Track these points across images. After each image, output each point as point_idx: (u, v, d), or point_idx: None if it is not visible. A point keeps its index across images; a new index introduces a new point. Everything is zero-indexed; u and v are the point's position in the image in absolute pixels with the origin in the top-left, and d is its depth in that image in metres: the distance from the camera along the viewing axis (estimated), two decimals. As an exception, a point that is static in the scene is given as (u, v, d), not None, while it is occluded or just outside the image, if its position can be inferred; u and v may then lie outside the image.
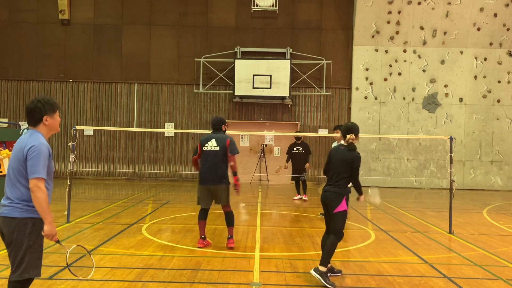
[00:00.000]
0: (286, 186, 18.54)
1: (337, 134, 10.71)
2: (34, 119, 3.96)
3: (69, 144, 9.54)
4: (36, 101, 3.96)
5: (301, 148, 14.08)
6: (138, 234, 8.58)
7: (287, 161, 14.38)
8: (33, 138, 3.89)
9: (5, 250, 6.93)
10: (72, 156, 9.53)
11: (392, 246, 8.16)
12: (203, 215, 7.81)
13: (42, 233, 3.87)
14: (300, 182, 14.01)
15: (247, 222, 9.32)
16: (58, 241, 4.02)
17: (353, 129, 6.23)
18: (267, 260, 6.97)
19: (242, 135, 19.21)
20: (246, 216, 9.09)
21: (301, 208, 12.52)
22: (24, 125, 11.08)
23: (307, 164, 13.86)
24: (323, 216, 10.69)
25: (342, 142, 6.31)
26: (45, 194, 3.82)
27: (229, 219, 7.76)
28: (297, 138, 14.33)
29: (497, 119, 19.16)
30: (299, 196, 14.15)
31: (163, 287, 5.64)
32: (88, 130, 19.29)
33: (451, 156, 9.62)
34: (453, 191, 9.53)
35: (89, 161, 19.45)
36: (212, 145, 7.69)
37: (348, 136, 6.16)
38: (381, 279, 6.18)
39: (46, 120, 4.00)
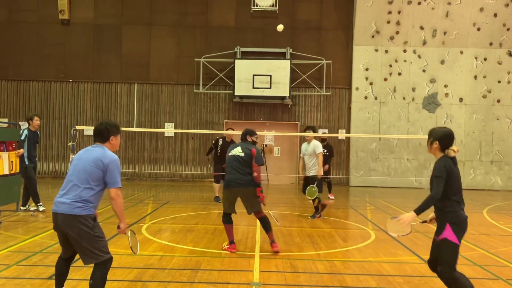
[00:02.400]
0: (286, 186, 18.54)
1: (309, 134, 10.89)
2: (103, 138, 4.82)
3: (69, 144, 9.56)
4: (105, 123, 4.85)
5: (325, 151, 14.13)
6: (138, 234, 8.54)
7: None
8: (109, 152, 4.75)
9: (5, 250, 6.91)
10: (72, 156, 9.53)
11: (392, 246, 8.16)
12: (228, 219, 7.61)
13: (118, 229, 4.85)
14: (325, 182, 14.04)
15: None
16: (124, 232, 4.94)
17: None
18: (267, 260, 6.96)
19: (242, 135, 19.16)
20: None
21: (301, 208, 12.51)
22: (24, 125, 11.06)
23: (326, 166, 13.89)
24: (314, 219, 10.84)
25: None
26: (122, 200, 4.75)
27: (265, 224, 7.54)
28: (322, 140, 14.40)
29: (497, 119, 19.16)
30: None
31: (163, 287, 5.64)
32: (88, 130, 19.26)
33: (451, 156, 9.60)
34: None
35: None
36: (237, 151, 7.62)
37: (454, 148, 4.85)
38: (381, 279, 6.18)
39: (112, 140, 4.85)
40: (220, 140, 13.29)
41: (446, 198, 4.75)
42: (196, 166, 19.45)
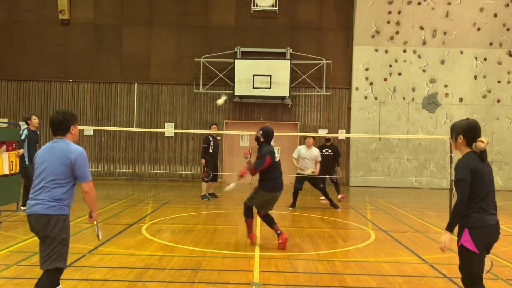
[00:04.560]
0: (286, 186, 18.50)
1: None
2: (63, 129, 4.56)
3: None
4: (63, 113, 4.58)
5: (330, 151, 14.11)
6: (138, 234, 8.57)
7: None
8: (73, 146, 4.53)
9: (5, 250, 6.93)
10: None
11: (392, 246, 8.16)
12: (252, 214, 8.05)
13: (90, 219, 4.73)
14: (332, 183, 13.99)
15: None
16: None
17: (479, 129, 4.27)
18: (267, 260, 6.96)
19: (242, 135, 19.20)
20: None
21: (301, 208, 12.51)
22: (23, 125, 11.07)
23: (338, 168, 14.01)
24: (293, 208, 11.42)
25: (457, 148, 4.32)
26: (95, 192, 4.65)
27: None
28: (326, 140, 14.43)
29: (497, 119, 19.15)
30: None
31: (163, 287, 5.64)
32: (88, 130, 19.29)
33: (451, 156, 9.62)
34: (453, 191, 9.52)
35: (89, 161, 19.40)
36: (278, 156, 8.21)
37: (482, 139, 4.19)
38: (381, 279, 6.18)
39: (72, 129, 4.61)
40: (210, 137, 13.63)
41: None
42: (196, 166, 19.44)
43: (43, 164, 4.47)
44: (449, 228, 4.17)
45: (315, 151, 12.28)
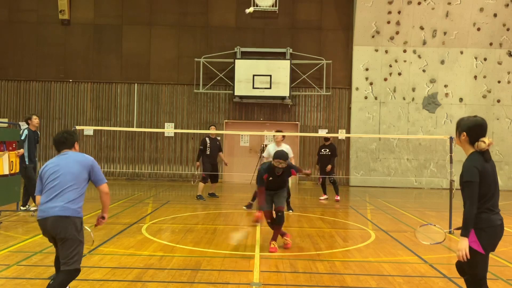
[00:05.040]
0: (286, 186, 18.51)
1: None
2: (69, 144, 5.00)
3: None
4: (67, 132, 5.08)
5: (327, 150, 14.15)
6: (138, 234, 8.58)
7: (317, 163, 14.53)
8: (85, 154, 5.02)
9: (5, 250, 6.93)
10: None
11: (392, 246, 8.16)
12: None
13: (103, 220, 5.17)
14: (330, 183, 14.03)
15: None
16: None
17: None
18: (267, 260, 6.97)
19: (242, 135, 19.21)
20: None
21: (301, 208, 12.51)
22: (23, 125, 11.07)
23: (328, 166, 13.99)
24: (249, 210, 11.26)
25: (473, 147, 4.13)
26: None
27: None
28: (326, 139, 14.48)
29: (497, 119, 19.15)
30: (325, 196, 14.28)
31: (163, 287, 5.64)
32: (88, 130, 19.28)
33: (451, 156, 9.62)
34: (453, 191, 9.52)
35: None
36: None
37: (485, 139, 4.12)
38: (381, 279, 6.18)
39: (76, 145, 5.08)
40: (207, 139, 13.61)
41: None
42: (196, 166, 19.40)
43: (58, 172, 4.73)
44: (466, 234, 4.03)
45: (285, 148, 11.88)
